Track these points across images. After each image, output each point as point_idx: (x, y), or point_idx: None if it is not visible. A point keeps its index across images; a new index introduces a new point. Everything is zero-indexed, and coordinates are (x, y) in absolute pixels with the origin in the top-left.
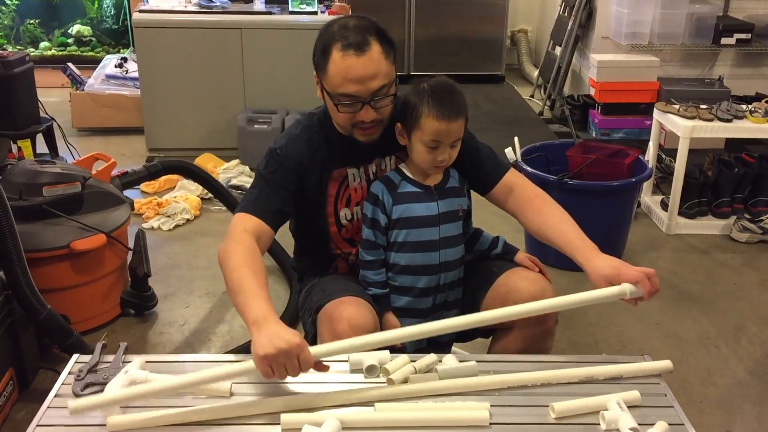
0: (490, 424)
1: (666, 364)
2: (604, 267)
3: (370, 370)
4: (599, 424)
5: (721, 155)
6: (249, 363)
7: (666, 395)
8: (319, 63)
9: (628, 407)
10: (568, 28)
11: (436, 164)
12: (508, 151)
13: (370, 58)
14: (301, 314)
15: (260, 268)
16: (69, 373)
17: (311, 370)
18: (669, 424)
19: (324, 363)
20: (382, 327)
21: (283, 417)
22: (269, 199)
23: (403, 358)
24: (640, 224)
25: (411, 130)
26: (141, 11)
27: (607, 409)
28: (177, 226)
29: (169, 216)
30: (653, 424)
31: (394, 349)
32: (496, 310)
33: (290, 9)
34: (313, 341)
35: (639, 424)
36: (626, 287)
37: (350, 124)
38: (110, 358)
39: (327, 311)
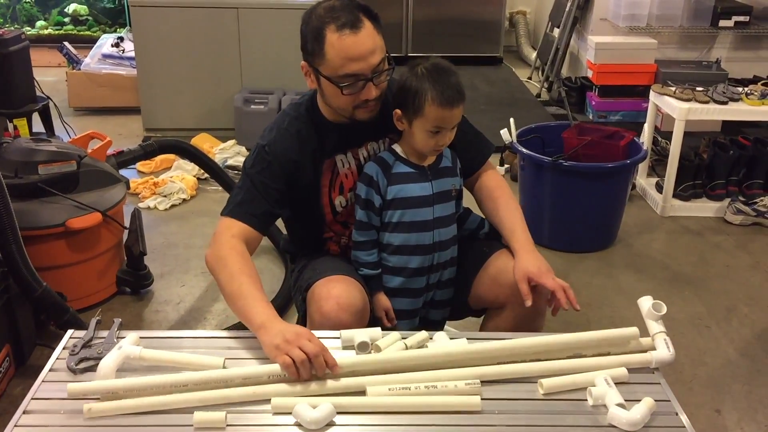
0: (481, 399)
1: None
2: (531, 264)
3: (362, 347)
4: (587, 400)
5: (716, 138)
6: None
7: (653, 372)
8: (313, 49)
9: (616, 384)
10: (567, 9)
11: (437, 148)
12: (504, 132)
13: (367, 34)
14: (293, 293)
15: (256, 274)
16: (64, 348)
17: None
18: (655, 401)
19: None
20: (372, 307)
21: (274, 401)
22: (256, 202)
23: (395, 335)
24: (635, 206)
25: (413, 117)
26: None
27: (594, 386)
28: (173, 205)
29: (165, 196)
30: (640, 400)
31: (386, 327)
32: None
33: None
34: (303, 320)
35: (626, 400)
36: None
37: (352, 106)
38: (105, 333)
39: (316, 290)
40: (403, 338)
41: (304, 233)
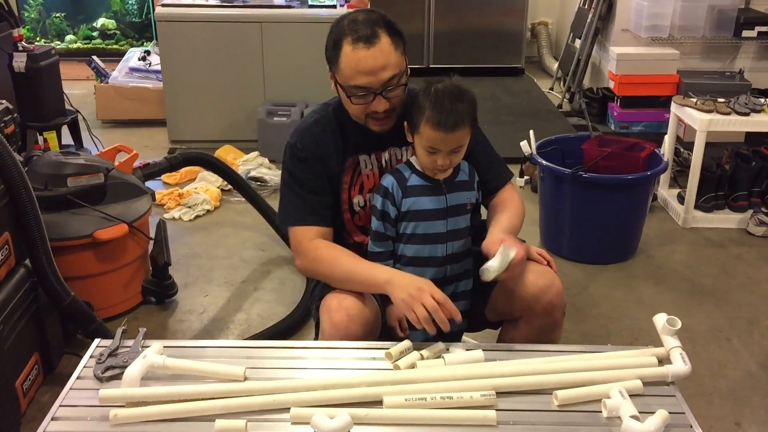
0: (496, 410)
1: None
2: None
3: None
4: (601, 412)
5: (739, 149)
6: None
7: (668, 385)
8: (331, 58)
9: (630, 396)
10: (588, 20)
11: (436, 167)
12: (523, 144)
13: (380, 50)
14: (310, 303)
15: (353, 253)
16: (90, 357)
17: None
18: (670, 413)
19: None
20: (386, 316)
21: (293, 411)
22: (310, 201)
23: (406, 343)
24: (656, 217)
25: (414, 132)
26: (164, 5)
27: (609, 398)
28: (197, 216)
29: (189, 207)
30: (654, 413)
31: (399, 337)
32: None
33: (309, 3)
34: (318, 329)
35: (640, 412)
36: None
37: (364, 114)
38: (130, 342)
39: (328, 301)
40: (420, 349)
41: None
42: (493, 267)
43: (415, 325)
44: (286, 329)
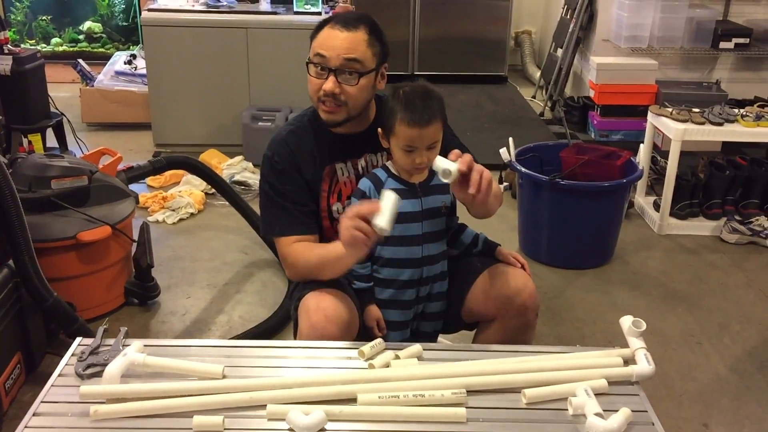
0: (466, 407)
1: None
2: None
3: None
4: (567, 410)
5: (714, 158)
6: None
7: (633, 384)
8: (311, 38)
9: (596, 394)
10: (570, 30)
11: (414, 166)
12: (503, 151)
13: (354, 36)
14: (290, 304)
15: (321, 245)
16: (72, 355)
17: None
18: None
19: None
20: (364, 317)
21: (269, 407)
22: (292, 211)
23: (384, 342)
24: (632, 224)
25: (388, 135)
26: (150, 10)
27: (575, 396)
28: (181, 219)
29: (173, 210)
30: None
31: (377, 337)
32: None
33: (295, 9)
34: (296, 329)
35: (605, 410)
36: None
37: (317, 97)
38: (111, 341)
39: (306, 301)
40: (396, 349)
41: None
42: (451, 167)
43: (359, 240)
44: (266, 331)
